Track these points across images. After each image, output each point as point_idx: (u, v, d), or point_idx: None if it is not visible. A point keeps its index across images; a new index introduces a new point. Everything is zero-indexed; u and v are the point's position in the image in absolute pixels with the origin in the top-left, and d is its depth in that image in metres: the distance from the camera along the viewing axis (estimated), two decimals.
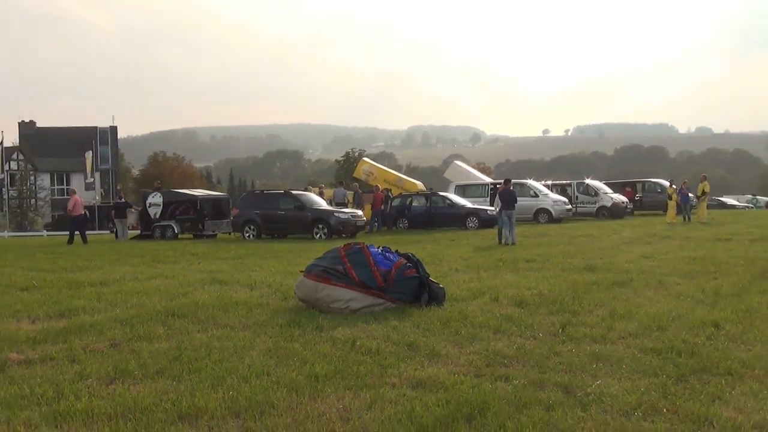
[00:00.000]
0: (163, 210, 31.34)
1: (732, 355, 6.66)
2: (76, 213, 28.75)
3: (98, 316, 9.00)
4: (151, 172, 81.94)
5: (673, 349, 6.83)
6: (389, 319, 8.39)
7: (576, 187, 40.55)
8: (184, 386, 5.74)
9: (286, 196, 30.57)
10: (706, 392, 5.50)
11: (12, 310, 9.58)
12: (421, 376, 6.02)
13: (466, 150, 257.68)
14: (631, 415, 5.00)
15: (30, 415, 5.07)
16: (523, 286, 11.13)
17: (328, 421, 4.92)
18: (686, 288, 10.99)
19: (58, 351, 7.05)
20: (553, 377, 5.94)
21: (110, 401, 5.34)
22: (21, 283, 12.49)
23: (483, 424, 4.80)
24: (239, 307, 9.47)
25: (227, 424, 4.88)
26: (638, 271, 13.24)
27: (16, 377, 6.13)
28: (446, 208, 33.03)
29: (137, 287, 11.78)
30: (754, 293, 10.50)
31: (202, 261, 17.43)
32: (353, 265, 9.25)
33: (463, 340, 7.41)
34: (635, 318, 8.45)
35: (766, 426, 4.77)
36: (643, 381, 5.82)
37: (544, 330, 7.88)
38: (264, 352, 6.92)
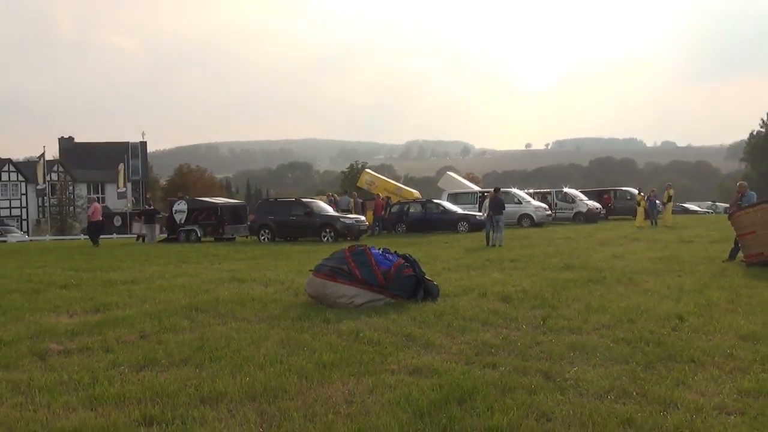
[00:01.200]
0: (187, 216, 31.39)
1: (694, 344, 6.66)
2: (94, 219, 28.93)
3: (129, 310, 9.01)
4: (177, 183, 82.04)
5: (641, 339, 6.83)
6: (389, 313, 8.39)
7: (555, 195, 40.63)
8: (206, 373, 5.74)
9: (297, 203, 30.59)
10: (672, 378, 5.50)
11: (52, 305, 9.58)
12: (417, 363, 6.02)
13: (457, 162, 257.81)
14: (605, 398, 5.00)
15: (68, 399, 5.08)
16: (508, 283, 11.12)
17: (335, 404, 4.92)
18: (653, 284, 10.99)
19: (94, 342, 7.05)
20: (535, 364, 5.95)
21: (140, 386, 5.34)
22: (60, 282, 12.49)
23: (472, 407, 4.79)
24: (255, 303, 9.47)
25: (244, 407, 4.88)
26: (610, 269, 13.24)
27: (56, 365, 6.14)
28: (440, 213, 33.02)
29: (164, 285, 11.78)
30: (714, 289, 10.50)
31: (222, 261, 17.42)
32: (357, 264, 9.26)
33: (455, 332, 7.41)
34: (608, 311, 8.45)
35: (725, 407, 4.77)
36: (615, 368, 5.82)
37: (527, 322, 7.88)
38: (277, 342, 6.92)
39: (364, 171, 52.56)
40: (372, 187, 41.51)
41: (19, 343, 7.06)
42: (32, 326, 7.96)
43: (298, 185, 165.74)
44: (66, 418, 4.67)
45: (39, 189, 59.61)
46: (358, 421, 4.52)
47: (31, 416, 4.72)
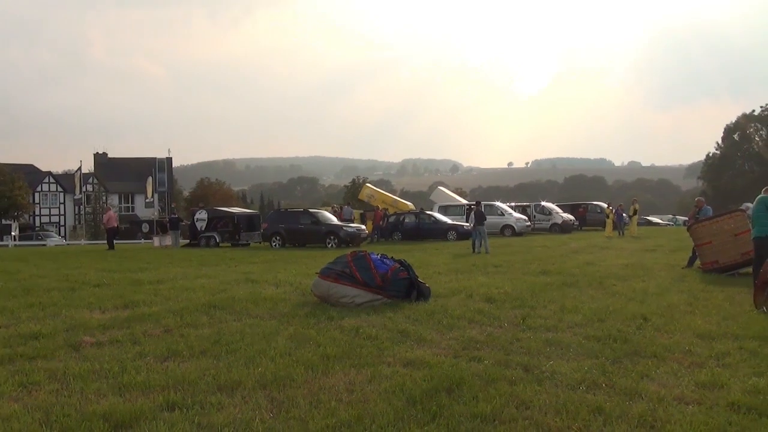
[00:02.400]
0: (207, 224, 31.45)
1: (657, 341, 6.66)
2: (110, 225, 29.01)
3: (155, 307, 8.99)
4: (198, 194, 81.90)
5: (610, 337, 6.83)
6: (386, 312, 8.38)
7: (534, 208, 40.68)
8: (222, 364, 5.73)
9: (305, 213, 30.63)
10: (636, 371, 5.50)
11: (86, 302, 9.56)
12: (410, 356, 6.02)
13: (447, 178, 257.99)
14: (577, 388, 4.99)
15: (99, 386, 5.07)
16: (492, 286, 11.12)
17: (337, 392, 4.92)
18: (621, 288, 11.00)
19: (123, 335, 7.04)
20: (515, 358, 5.94)
21: (164, 375, 5.33)
22: (94, 281, 12.47)
23: (459, 395, 4.79)
24: (267, 302, 9.45)
25: (257, 394, 4.87)
26: (583, 274, 13.25)
27: (89, 356, 6.12)
28: (431, 224, 33.05)
29: (186, 285, 11.77)
30: (674, 293, 10.52)
31: (238, 264, 17.40)
32: (358, 268, 9.25)
33: (444, 329, 7.40)
34: (580, 312, 8.45)
35: (684, 398, 4.77)
36: (586, 362, 5.81)
37: (509, 321, 7.87)
38: (286, 337, 6.91)
39: (365, 185, 52.60)
40: (372, 200, 41.56)
41: (56, 335, 7.05)
42: (68, 321, 7.95)
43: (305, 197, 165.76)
44: (97, 403, 4.66)
45: (76, 199, 59.83)
46: (358, 408, 4.51)
47: (65, 401, 4.71)
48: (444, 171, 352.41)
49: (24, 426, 4.19)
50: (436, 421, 4.27)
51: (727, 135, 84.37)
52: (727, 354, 6.14)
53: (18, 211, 59.10)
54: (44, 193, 71.57)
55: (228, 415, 4.39)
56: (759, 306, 8.69)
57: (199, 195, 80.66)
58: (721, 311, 8.62)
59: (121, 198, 77.64)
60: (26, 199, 60.54)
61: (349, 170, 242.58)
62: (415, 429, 4.13)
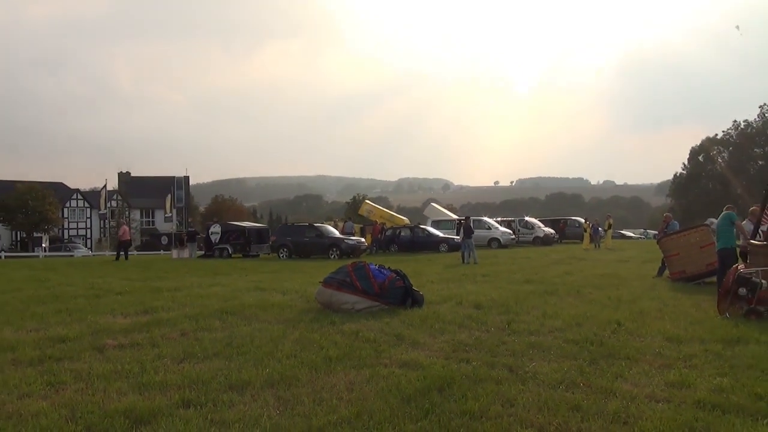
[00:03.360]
0: (221, 237, 31.45)
1: (630, 344, 6.65)
2: (123, 239, 28.98)
3: (172, 313, 8.96)
4: (213, 210, 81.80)
5: (587, 340, 6.82)
6: (383, 317, 8.35)
7: (518, 223, 40.67)
8: (234, 365, 5.71)
9: (310, 227, 30.59)
10: (611, 372, 5.49)
11: (109, 308, 9.53)
12: (406, 358, 6.00)
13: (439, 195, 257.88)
14: (557, 387, 4.98)
15: (121, 385, 5.04)
16: (479, 294, 11.10)
17: (338, 391, 4.90)
18: (597, 296, 10.99)
19: (143, 338, 7.02)
20: (501, 360, 5.93)
21: (180, 375, 5.31)
22: (117, 289, 12.44)
23: (450, 394, 4.78)
24: (275, 308, 9.43)
25: (265, 392, 4.85)
26: (562, 283, 13.24)
27: (111, 357, 6.10)
28: (425, 237, 32.99)
29: (201, 292, 11.74)
30: (646, 300, 10.52)
31: (248, 274, 17.37)
32: (357, 277, 9.25)
33: (436, 333, 7.39)
34: (560, 317, 8.44)
35: (655, 396, 4.76)
36: (565, 363, 5.80)
37: (495, 325, 7.85)
38: (292, 340, 6.89)
39: (364, 202, 52.53)
40: (370, 215, 41.46)
41: (82, 339, 7.02)
42: (93, 325, 7.92)
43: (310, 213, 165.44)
44: (118, 400, 4.63)
45: (101, 213, 59.56)
46: (357, 405, 4.49)
47: (89, 399, 4.69)
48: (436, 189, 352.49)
49: (51, 422, 4.16)
50: (429, 417, 4.25)
51: (692, 156, 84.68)
52: (694, 356, 6.13)
53: (48, 224, 58.97)
54: (72, 208, 71.47)
55: (238, 412, 4.38)
56: (722, 312, 8.69)
57: (213, 210, 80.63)
58: (689, 317, 8.62)
59: (142, 213, 77.57)
60: (56, 214, 60.44)
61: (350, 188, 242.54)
62: (409, 425, 4.11)
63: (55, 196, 60.58)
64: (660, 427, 4.05)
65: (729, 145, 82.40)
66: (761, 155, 79.98)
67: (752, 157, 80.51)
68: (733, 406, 4.49)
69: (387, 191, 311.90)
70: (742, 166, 77.25)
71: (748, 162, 79.04)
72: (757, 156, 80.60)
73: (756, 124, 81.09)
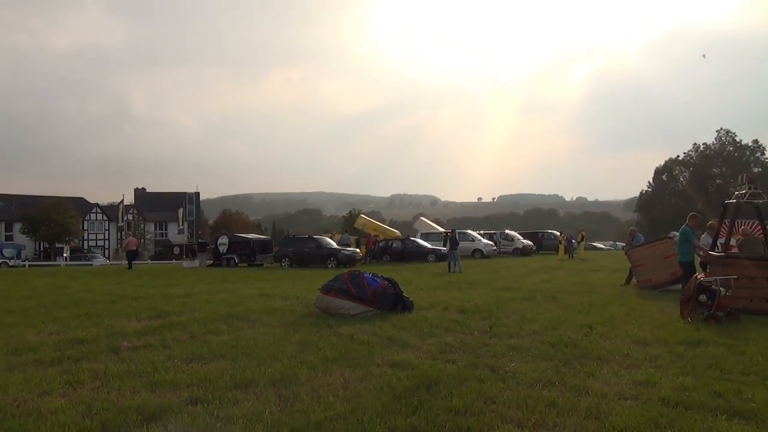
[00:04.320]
0: (228, 247, 31.34)
1: (601, 346, 6.65)
2: (129, 249, 28.91)
3: (183, 317, 8.90)
4: (221, 223, 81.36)
5: (562, 342, 6.82)
6: (376, 321, 8.33)
7: (499, 235, 40.65)
8: (238, 365, 5.67)
9: (310, 239, 30.57)
10: (584, 371, 5.49)
11: (125, 312, 9.46)
12: (396, 359, 5.97)
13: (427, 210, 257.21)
14: (535, 386, 4.97)
15: (134, 384, 5.00)
16: (464, 300, 11.09)
17: (334, 388, 4.87)
18: (571, 301, 11.00)
19: (155, 341, 6.96)
20: (483, 361, 5.91)
21: (189, 374, 5.27)
22: (132, 295, 12.35)
23: (437, 392, 4.76)
24: (277, 312, 9.39)
25: (267, 390, 4.81)
26: (539, 290, 13.24)
27: (126, 358, 6.05)
28: (415, 248, 32.95)
29: (209, 298, 11.67)
30: (615, 305, 10.53)
31: (253, 281, 17.29)
32: (353, 284, 9.22)
33: (424, 335, 7.36)
34: (538, 321, 8.44)
35: (623, 394, 4.76)
36: (542, 363, 5.79)
37: (478, 329, 7.84)
38: (293, 342, 6.85)
39: (359, 216, 52.47)
40: (365, 228, 41.39)
41: (99, 341, 6.96)
42: (109, 328, 7.86)
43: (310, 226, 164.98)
44: (132, 398, 4.59)
45: (119, 226, 59.26)
46: (352, 402, 4.47)
47: (105, 396, 4.64)
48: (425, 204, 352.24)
49: (68, 418, 4.11)
50: (417, 413, 4.23)
51: (656, 176, 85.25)
52: (659, 357, 6.14)
53: (69, 236, 58.59)
54: (92, 221, 71.03)
55: (242, 408, 4.34)
56: (685, 317, 8.72)
57: (221, 223, 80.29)
58: (654, 321, 8.63)
59: (156, 226, 77.23)
60: (76, 226, 60.06)
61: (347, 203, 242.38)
62: (399, 420, 4.08)
63: (75, 209, 60.27)
64: (628, 423, 4.04)
65: (689, 166, 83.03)
66: (719, 174, 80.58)
67: (711, 176, 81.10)
68: (694, 403, 4.49)
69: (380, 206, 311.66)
70: (701, 184, 77.75)
71: (706, 181, 79.57)
72: (715, 175, 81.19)
73: (714, 147, 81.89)
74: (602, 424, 4.06)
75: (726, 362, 5.88)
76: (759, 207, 10.57)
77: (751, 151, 79.65)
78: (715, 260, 10.19)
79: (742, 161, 76.78)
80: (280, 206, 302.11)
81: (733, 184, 19.77)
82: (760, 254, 10.38)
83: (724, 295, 8.52)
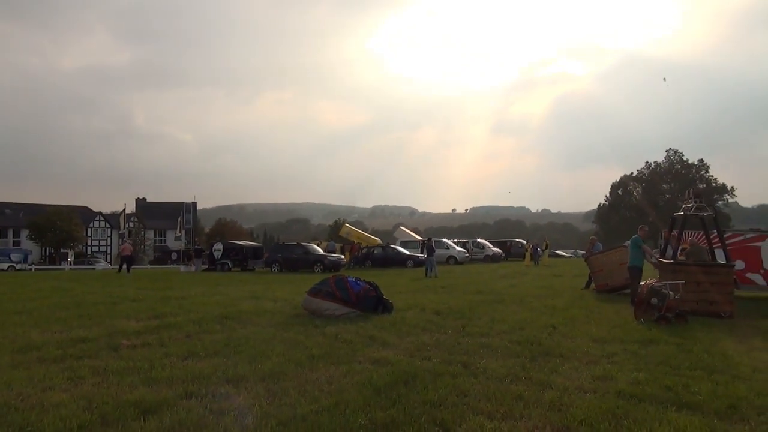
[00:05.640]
0: (222, 253, 31.09)
1: (563, 345, 6.69)
2: (124, 254, 28.57)
3: (179, 318, 8.77)
4: (216, 231, 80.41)
5: (528, 341, 6.84)
6: (358, 322, 8.29)
7: (471, 243, 40.80)
8: (231, 362, 5.59)
9: (298, 246, 30.40)
10: (548, 367, 5.51)
11: (125, 313, 9.30)
12: (377, 356, 5.95)
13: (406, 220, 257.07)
14: (504, 380, 4.97)
15: (132, 380, 4.90)
16: (439, 302, 11.09)
17: (320, 384, 4.83)
18: (536, 304, 11.05)
19: (153, 339, 6.85)
20: (457, 358, 5.91)
21: (184, 371, 5.19)
22: (132, 297, 12.14)
23: (414, 386, 4.74)
24: (267, 313, 9.30)
25: (257, 386, 4.75)
26: (508, 294, 13.30)
27: (125, 356, 5.94)
28: (395, 254, 32.91)
29: (204, 300, 11.52)
30: (576, 308, 10.60)
31: (245, 285, 17.11)
32: (337, 288, 9.18)
33: (403, 335, 7.34)
34: (506, 322, 8.46)
35: (583, 388, 4.78)
36: (510, 360, 5.81)
37: (452, 329, 7.84)
38: (282, 341, 6.78)
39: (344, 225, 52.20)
40: (349, 236, 41.25)
41: (100, 339, 6.83)
42: (110, 328, 7.71)
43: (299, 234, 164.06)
44: (130, 393, 4.50)
45: (120, 233, 58.39)
46: (336, 396, 4.43)
47: (105, 391, 4.55)
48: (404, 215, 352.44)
49: (70, 411, 4.02)
50: (396, 406, 4.20)
51: (613, 190, 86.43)
52: (615, 354, 6.19)
53: (73, 242, 57.68)
54: (95, 228, 69.99)
55: (233, 402, 4.28)
56: (638, 318, 8.81)
57: (217, 231, 79.33)
58: (611, 322, 8.71)
59: (155, 233, 76.24)
60: (80, 233, 59.16)
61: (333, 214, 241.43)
62: (379, 413, 4.06)
63: (80, 218, 59.40)
64: (588, 414, 4.06)
65: (642, 181, 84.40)
66: (668, 189, 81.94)
67: (661, 191, 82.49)
68: (647, 396, 4.53)
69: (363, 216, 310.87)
70: (653, 198, 79.02)
71: (657, 195, 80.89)
72: (665, 190, 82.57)
73: (664, 165, 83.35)
74: (564, 415, 4.07)
75: (675, 359, 5.95)
76: (704, 219, 10.77)
77: (697, 168, 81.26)
78: (666, 267, 10.33)
79: (688, 178, 78.29)
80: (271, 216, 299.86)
81: (680, 199, 20.13)
82: (705, 261, 10.56)
83: (674, 299, 8.64)
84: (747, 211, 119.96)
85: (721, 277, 9.81)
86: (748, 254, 12.63)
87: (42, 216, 54.97)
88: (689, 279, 9.54)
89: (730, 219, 72.61)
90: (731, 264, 10.67)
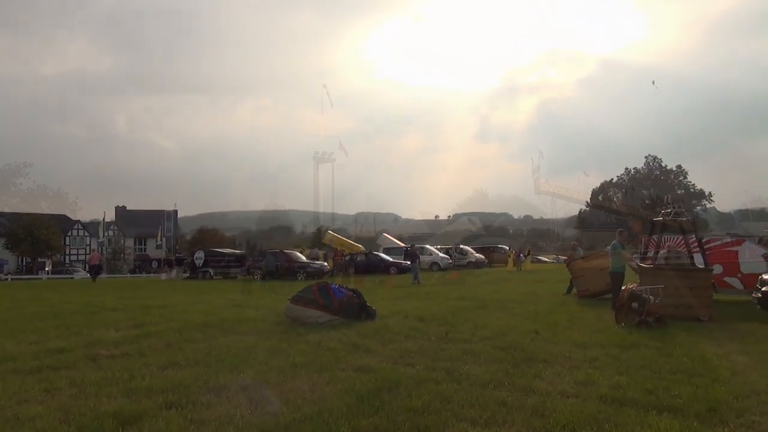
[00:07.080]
0: (204, 261, 30.79)
1: (546, 350, 6.72)
2: (92, 263, 28.56)
3: (160, 326, 8.64)
4: (198, 238, 79.45)
5: (511, 346, 6.86)
6: (342, 329, 8.23)
7: (455, 250, 40.97)
8: (212, 371, 5.51)
9: (281, 253, 30.29)
10: (531, 372, 5.52)
11: (104, 323, 9.14)
12: (360, 363, 5.91)
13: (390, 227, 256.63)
14: (487, 386, 4.97)
15: (111, 390, 4.81)
16: (422, 309, 11.08)
17: (303, 392, 4.78)
18: (519, 310, 11.11)
19: (132, 349, 6.73)
20: (440, 364, 5.90)
21: (164, 381, 5.10)
22: (111, 306, 11.96)
23: (397, 393, 4.72)
24: (249, 322, 9.20)
25: (239, 395, 4.68)
26: (491, 299, 13.35)
27: (104, 366, 5.83)
28: (378, 261, 32.88)
29: (185, 308, 11.38)
30: (558, 313, 10.67)
31: (227, 293, 16.95)
32: (321, 295, 9.13)
33: (386, 342, 7.31)
34: (489, 328, 8.48)
35: (566, 392, 4.80)
36: (493, 366, 5.81)
37: (435, 335, 7.83)
38: (264, 349, 6.71)
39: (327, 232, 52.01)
40: (332, 244, 41.09)
41: (77, 350, 6.69)
42: (88, 338, 7.57)
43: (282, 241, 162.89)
44: (108, 404, 4.41)
45: (99, 242, 57.58)
46: (319, 404, 4.39)
47: (82, 403, 4.45)
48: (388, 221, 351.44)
49: (46, 424, 3.92)
50: (379, 414, 4.18)
51: (593, 196, 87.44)
52: (597, 359, 6.23)
53: (51, 251, 56.58)
54: (74, 237, 68.78)
55: (215, 412, 4.21)
56: (619, 322, 8.89)
57: (198, 239, 78.48)
58: (592, 327, 8.77)
59: (136, 241, 75.18)
60: (58, 242, 58.06)
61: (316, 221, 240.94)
62: (363, 420, 4.03)
63: (57, 226, 58.26)
64: (570, 419, 4.07)
65: (622, 188, 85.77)
66: (647, 196, 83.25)
67: (640, 197, 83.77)
68: (629, 400, 4.56)
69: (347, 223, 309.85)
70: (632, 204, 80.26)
71: (637, 201, 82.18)
72: (644, 196, 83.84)
73: (643, 171, 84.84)
74: (547, 420, 4.08)
75: (656, 363, 6.00)
76: (682, 224, 10.94)
77: (675, 174, 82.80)
78: (646, 271, 10.46)
79: (667, 184, 79.74)
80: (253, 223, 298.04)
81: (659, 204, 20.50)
82: (684, 266, 10.71)
83: (653, 303, 8.74)
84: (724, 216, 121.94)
85: (699, 282, 9.95)
86: (725, 258, 12.83)
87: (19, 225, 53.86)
88: (668, 283, 9.65)
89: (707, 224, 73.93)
90: (709, 268, 10.84)
